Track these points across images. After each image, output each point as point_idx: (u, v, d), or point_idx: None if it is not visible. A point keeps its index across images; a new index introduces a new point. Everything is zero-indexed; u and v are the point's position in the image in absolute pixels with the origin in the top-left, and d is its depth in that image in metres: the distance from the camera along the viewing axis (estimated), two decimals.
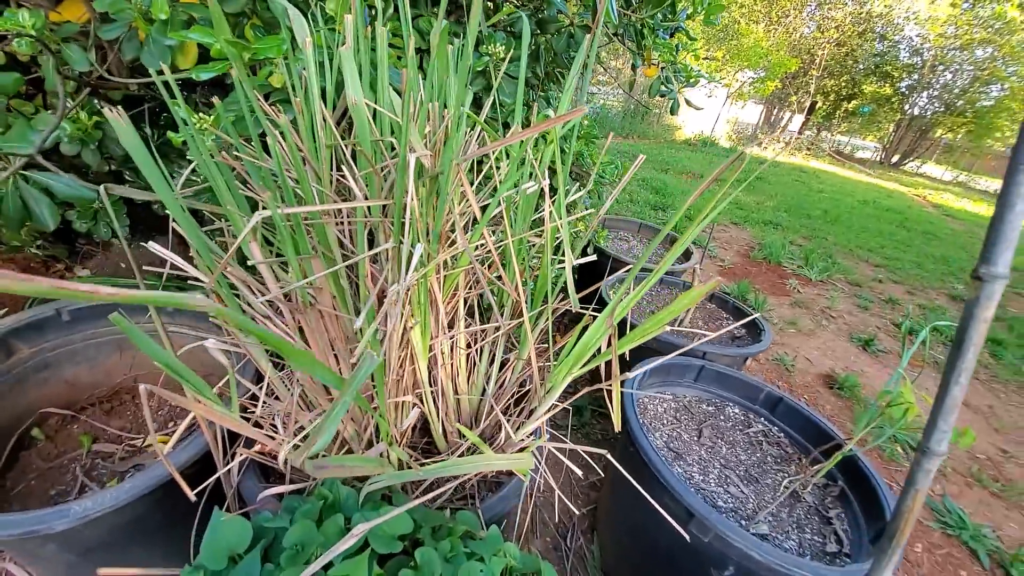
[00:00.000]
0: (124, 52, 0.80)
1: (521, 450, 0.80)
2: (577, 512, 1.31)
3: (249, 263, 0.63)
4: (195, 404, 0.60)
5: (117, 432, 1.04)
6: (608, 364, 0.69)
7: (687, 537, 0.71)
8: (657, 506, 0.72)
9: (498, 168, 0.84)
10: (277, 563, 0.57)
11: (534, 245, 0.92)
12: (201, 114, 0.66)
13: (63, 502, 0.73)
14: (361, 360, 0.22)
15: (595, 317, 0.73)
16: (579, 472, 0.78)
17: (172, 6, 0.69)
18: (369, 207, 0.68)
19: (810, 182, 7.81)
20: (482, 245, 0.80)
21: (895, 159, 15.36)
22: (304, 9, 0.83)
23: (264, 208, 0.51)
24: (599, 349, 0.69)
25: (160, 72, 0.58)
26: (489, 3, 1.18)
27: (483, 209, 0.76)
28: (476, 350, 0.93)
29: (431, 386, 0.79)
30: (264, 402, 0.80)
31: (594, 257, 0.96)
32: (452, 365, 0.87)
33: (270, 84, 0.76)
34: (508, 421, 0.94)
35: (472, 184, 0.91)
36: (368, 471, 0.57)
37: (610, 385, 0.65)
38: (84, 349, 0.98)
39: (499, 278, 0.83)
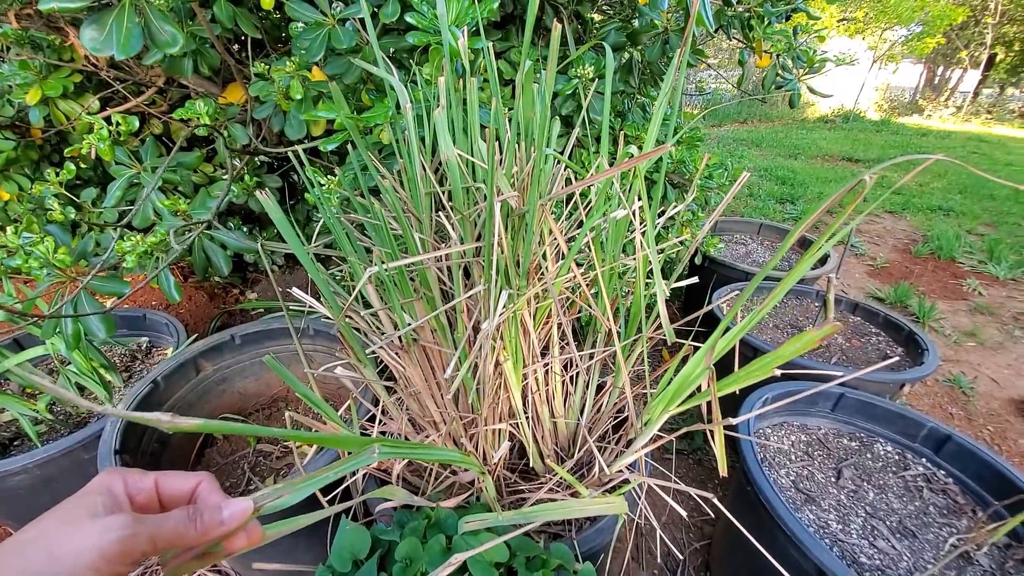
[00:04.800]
0: (273, 126, 0.97)
1: (618, 485, 0.78)
2: (688, 547, 1.22)
3: (365, 310, 0.72)
4: (323, 426, 0.70)
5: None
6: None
7: None
8: (774, 561, 0.65)
9: (584, 199, 0.83)
10: (390, 573, 0.64)
11: (627, 269, 0.90)
12: (329, 176, 0.78)
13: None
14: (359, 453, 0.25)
15: (696, 347, 0.68)
16: (683, 513, 0.73)
17: (304, 85, 0.82)
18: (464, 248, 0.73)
19: (993, 153, 6.28)
20: (572, 275, 0.80)
21: None
22: (408, 67, 0.92)
23: (374, 264, 0.58)
24: (699, 387, 0.65)
25: (299, 141, 0.70)
26: (578, 24, 1.18)
27: (571, 240, 0.77)
28: (572, 375, 0.93)
29: (525, 412, 0.81)
30: (381, 421, 0.90)
31: (695, 280, 0.90)
32: (547, 390, 0.89)
33: (380, 140, 0.86)
34: (606, 448, 0.92)
35: (560, 215, 0.92)
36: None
37: (712, 427, 0.61)
38: (251, 366, 1.20)
39: (591, 305, 0.83)
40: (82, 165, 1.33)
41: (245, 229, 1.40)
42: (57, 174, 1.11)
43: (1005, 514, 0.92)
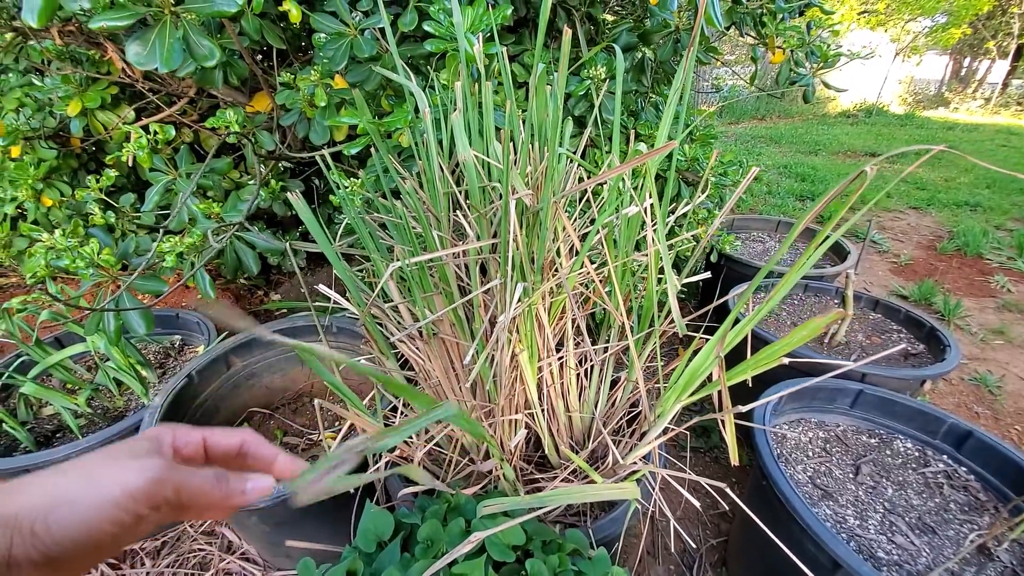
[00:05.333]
0: (298, 132, 1.01)
1: (631, 475, 0.79)
2: (705, 543, 1.23)
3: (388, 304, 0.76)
4: (349, 414, 0.74)
5: (300, 428, 1.30)
6: (730, 389, 0.66)
7: None
8: (789, 552, 0.66)
9: (597, 196, 0.86)
10: (412, 553, 0.67)
11: (640, 266, 0.92)
12: (351, 179, 0.81)
13: None
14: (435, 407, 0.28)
15: (707, 340, 0.70)
16: (697, 504, 0.75)
17: (328, 93, 0.86)
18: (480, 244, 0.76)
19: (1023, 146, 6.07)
20: (585, 271, 0.82)
21: None
22: (425, 73, 0.95)
23: (397, 261, 0.61)
24: (710, 377, 0.66)
25: (323, 146, 0.74)
26: (591, 26, 1.20)
27: (584, 237, 0.79)
28: (586, 369, 0.95)
29: (541, 405, 0.84)
30: (403, 413, 0.94)
31: (708, 275, 0.91)
32: (562, 384, 0.91)
33: (400, 144, 0.89)
34: (620, 442, 0.94)
35: (574, 212, 0.95)
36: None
37: (723, 416, 0.62)
38: (278, 362, 1.25)
39: (604, 301, 0.85)
40: (116, 172, 1.41)
41: (270, 232, 1.46)
42: (97, 181, 1.18)
43: None
